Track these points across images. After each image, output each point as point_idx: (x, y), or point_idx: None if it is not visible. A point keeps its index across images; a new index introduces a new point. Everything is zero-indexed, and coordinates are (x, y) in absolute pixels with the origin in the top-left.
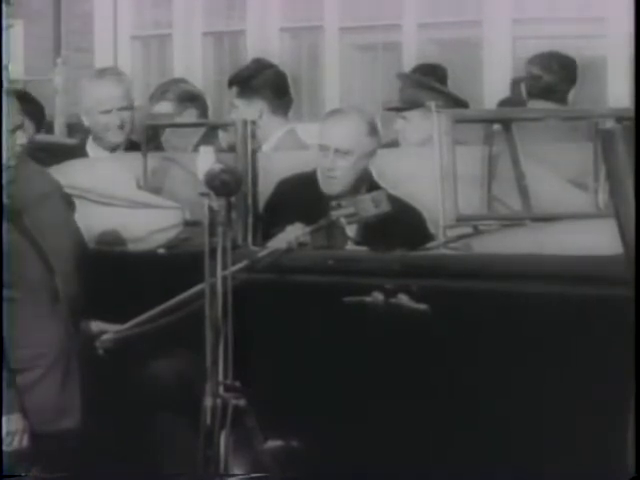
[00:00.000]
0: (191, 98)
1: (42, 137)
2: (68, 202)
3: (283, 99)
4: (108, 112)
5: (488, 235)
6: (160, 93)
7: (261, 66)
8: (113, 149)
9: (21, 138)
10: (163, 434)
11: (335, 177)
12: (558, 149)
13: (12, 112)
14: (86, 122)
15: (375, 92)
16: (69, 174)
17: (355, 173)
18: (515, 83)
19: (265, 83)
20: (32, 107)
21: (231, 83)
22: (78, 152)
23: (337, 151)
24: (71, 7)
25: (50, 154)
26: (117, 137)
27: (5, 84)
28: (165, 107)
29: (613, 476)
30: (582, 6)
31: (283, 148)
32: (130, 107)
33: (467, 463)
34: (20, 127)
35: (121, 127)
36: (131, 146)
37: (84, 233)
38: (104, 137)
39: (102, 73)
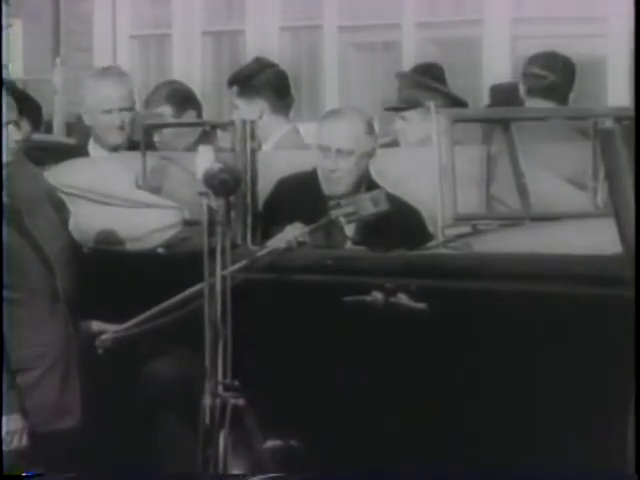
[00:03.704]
0: (189, 100)
1: (40, 137)
2: (60, 204)
3: (284, 99)
4: (109, 112)
5: (487, 235)
6: (157, 97)
7: (262, 65)
8: (113, 150)
9: (16, 134)
10: (162, 434)
11: (338, 177)
12: (557, 148)
13: (9, 108)
14: (87, 121)
15: (374, 91)
16: (68, 174)
17: (357, 173)
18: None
19: (266, 83)
20: (29, 106)
21: (231, 83)
22: (79, 152)
23: (339, 151)
24: (70, 7)
25: (48, 154)
26: (116, 139)
27: (4, 83)
28: (165, 111)
29: (613, 476)
30: (582, 6)
31: (284, 147)
32: (131, 108)
33: (467, 463)
34: (15, 122)
35: (121, 128)
36: (132, 147)
37: (84, 232)
38: (104, 137)
39: (105, 72)
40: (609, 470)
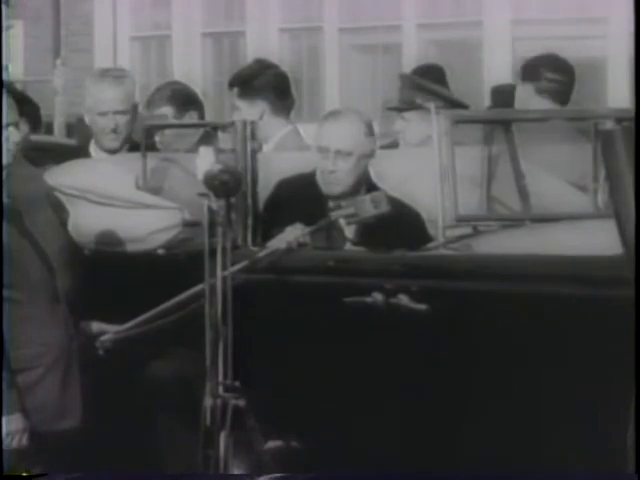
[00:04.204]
0: (191, 100)
1: (39, 137)
2: (58, 205)
3: (285, 100)
4: (105, 114)
5: (487, 235)
6: (159, 98)
7: (263, 67)
8: (112, 153)
9: (15, 136)
10: (163, 434)
11: (336, 179)
12: (558, 150)
13: (8, 110)
14: (88, 122)
15: (375, 93)
16: (68, 175)
17: (356, 174)
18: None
19: (267, 84)
20: (27, 107)
21: (232, 84)
22: (81, 153)
23: (338, 152)
24: (71, 8)
25: (48, 155)
26: (112, 142)
27: (4, 84)
28: (166, 111)
29: (613, 476)
30: (582, 7)
31: (285, 149)
32: (128, 111)
33: (467, 463)
34: (15, 124)
35: (115, 131)
36: (133, 148)
37: (84, 233)
38: (100, 140)
39: (103, 74)
40: (609, 470)
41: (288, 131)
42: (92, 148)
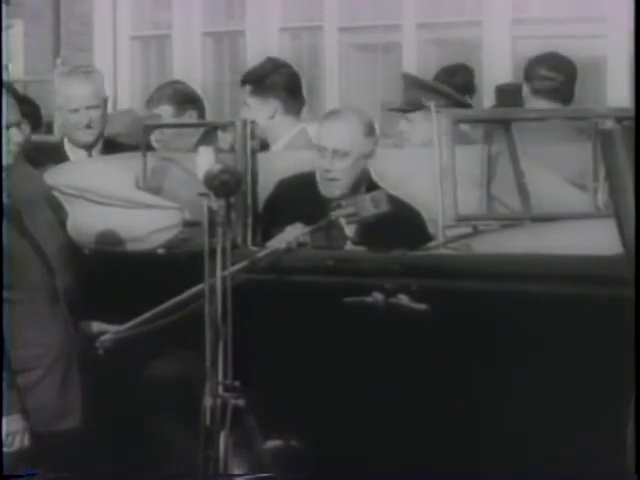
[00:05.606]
0: (191, 100)
1: (40, 137)
2: (56, 205)
3: (296, 99)
4: (77, 111)
5: (487, 235)
6: (158, 97)
7: (276, 65)
8: (88, 148)
9: (17, 136)
10: (163, 434)
11: (333, 178)
12: (558, 149)
13: (10, 110)
14: (58, 120)
15: (375, 92)
16: (68, 174)
17: (353, 174)
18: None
19: (280, 82)
20: (27, 107)
21: (244, 81)
22: (57, 151)
23: (335, 152)
24: (70, 7)
25: (47, 155)
26: (87, 137)
27: (4, 83)
28: (165, 110)
29: (613, 477)
30: (582, 6)
31: (294, 148)
32: (100, 106)
33: (467, 463)
34: (17, 125)
35: (89, 126)
36: (107, 145)
37: (84, 233)
38: (75, 136)
39: (72, 71)
40: (609, 470)
41: (298, 130)
42: (66, 146)
